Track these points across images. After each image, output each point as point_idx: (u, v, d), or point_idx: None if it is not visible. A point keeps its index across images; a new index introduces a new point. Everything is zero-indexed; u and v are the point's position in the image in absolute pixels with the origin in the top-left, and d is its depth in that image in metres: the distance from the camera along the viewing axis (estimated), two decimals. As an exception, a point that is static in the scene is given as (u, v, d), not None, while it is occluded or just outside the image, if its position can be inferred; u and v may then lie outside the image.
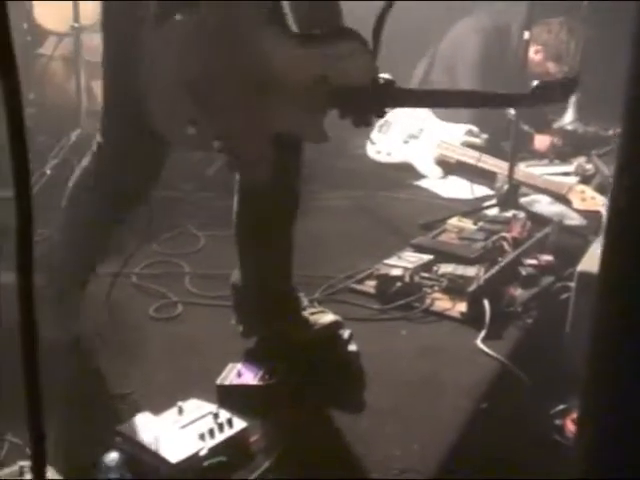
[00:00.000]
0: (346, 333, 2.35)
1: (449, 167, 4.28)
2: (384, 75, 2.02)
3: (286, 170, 2.24)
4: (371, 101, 2.02)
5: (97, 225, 2.36)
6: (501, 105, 2.35)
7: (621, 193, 1.02)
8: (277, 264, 2.39)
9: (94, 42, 3.87)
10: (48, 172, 3.46)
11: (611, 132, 4.54)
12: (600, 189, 3.59)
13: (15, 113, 0.67)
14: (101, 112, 2.30)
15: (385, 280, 2.79)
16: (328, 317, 2.39)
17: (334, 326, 2.37)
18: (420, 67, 4.76)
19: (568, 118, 5.06)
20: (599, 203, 3.44)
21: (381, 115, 2.09)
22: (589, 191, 3.55)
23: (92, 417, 2.10)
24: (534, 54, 4.38)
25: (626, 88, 1.03)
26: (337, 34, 1.97)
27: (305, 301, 2.45)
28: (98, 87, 3.86)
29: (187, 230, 3.45)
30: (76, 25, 3.59)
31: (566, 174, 3.98)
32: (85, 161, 2.37)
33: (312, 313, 2.41)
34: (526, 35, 3.45)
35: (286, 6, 2.10)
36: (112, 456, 1.77)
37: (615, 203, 1.06)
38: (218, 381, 2.18)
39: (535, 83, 2.13)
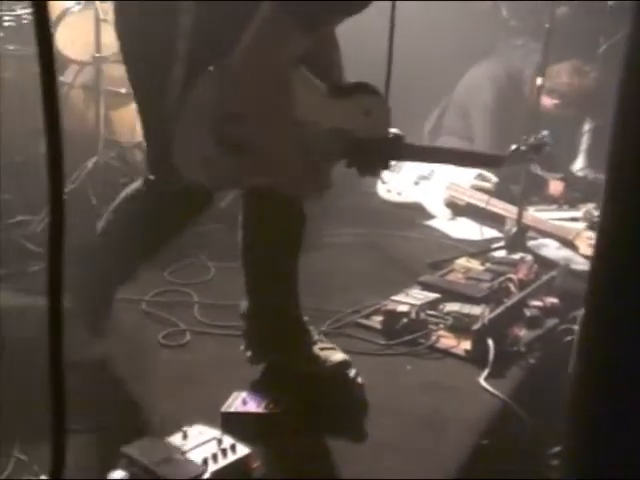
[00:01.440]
0: (352, 372, 2.38)
1: (458, 209, 4.34)
2: (394, 130, 2.06)
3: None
4: (380, 154, 2.07)
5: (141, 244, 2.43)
6: (484, 165, 2.45)
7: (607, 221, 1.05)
8: (284, 290, 2.44)
9: (115, 72, 3.95)
10: (64, 198, 3.52)
11: (620, 179, 4.58)
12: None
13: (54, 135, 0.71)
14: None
15: (392, 316, 2.82)
16: (338, 355, 2.42)
17: (344, 365, 2.41)
18: (434, 113, 4.84)
19: (579, 164, 5.13)
20: (606, 249, 3.47)
21: (387, 167, 2.13)
22: (596, 237, 3.58)
23: (98, 439, 2.13)
24: (552, 106, 4.45)
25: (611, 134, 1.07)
26: (360, 88, 2.02)
27: (315, 335, 2.49)
28: (116, 116, 3.94)
29: (198, 260, 3.50)
30: (97, 55, 3.67)
31: (574, 219, 4.03)
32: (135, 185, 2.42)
33: (322, 348, 2.44)
34: (539, 81, 3.52)
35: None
36: (117, 474, 1.80)
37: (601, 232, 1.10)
38: (223, 408, 2.21)
39: (512, 147, 2.27)
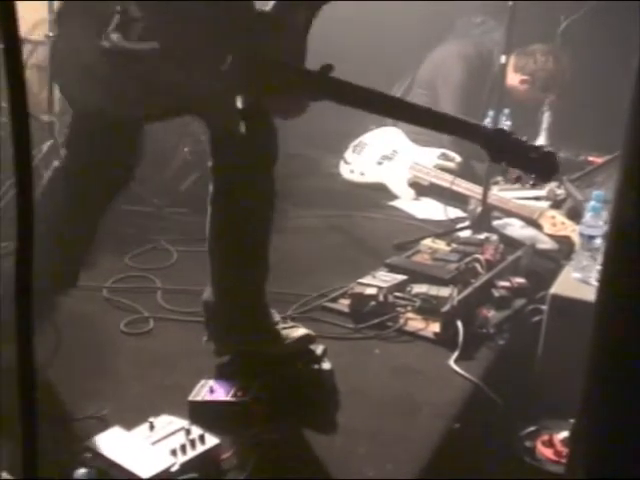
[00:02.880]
0: (319, 349, 2.34)
1: (422, 189, 4.32)
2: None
3: (260, 174, 2.24)
4: (303, 88, 2.02)
5: (77, 217, 2.32)
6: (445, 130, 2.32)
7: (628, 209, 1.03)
8: (252, 278, 2.38)
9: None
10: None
11: (582, 158, 4.60)
12: (571, 214, 3.62)
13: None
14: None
15: (359, 299, 2.79)
16: (300, 331, 2.38)
17: (306, 339, 2.36)
18: (397, 89, 4.80)
19: (540, 142, 5.13)
20: (569, 228, 3.48)
21: (307, 105, 2.09)
22: (559, 216, 3.59)
23: (62, 432, 2.07)
24: (520, 83, 4.44)
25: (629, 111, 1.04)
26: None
27: (277, 317, 2.44)
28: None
29: (160, 245, 3.43)
30: (51, 34, 3.55)
31: (538, 198, 4.02)
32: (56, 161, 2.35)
33: (284, 328, 2.40)
34: (503, 59, 3.49)
35: None
36: (82, 472, 1.74)
37: (620, 218, 1.07)
38: (190, 397, 2.16)
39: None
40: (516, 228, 3.66)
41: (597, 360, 1.13)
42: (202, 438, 1.94)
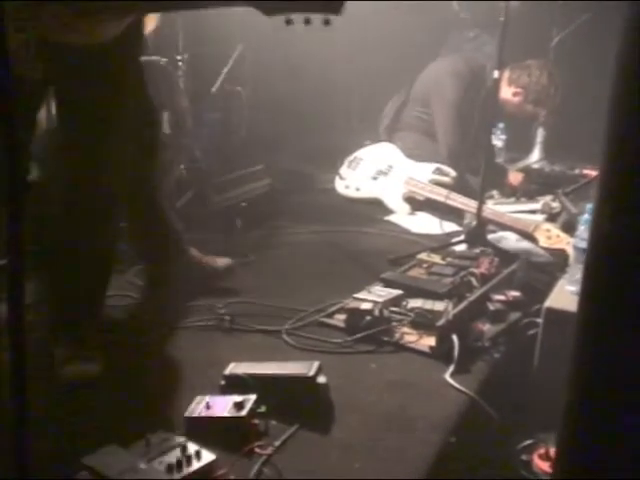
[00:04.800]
0: (315, 364, 2.34)
1: (417, 204, 4.33)
2: None
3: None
4: None
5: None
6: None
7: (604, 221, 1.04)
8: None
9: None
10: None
11: (577, 171, 4.63)
12: (566, 227, 3.64)
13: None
14: None
15: (354, 314, 2.79)
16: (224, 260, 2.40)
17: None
18: (388, 109, 4.82)
19: (534, 157, 5.17)
20: (564, 241, 3.49)
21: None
22: (554, 229, 3.60)
23: (57, 449, 2.07)
24: (513, 96, 4.47)
25: (607, 120, 1.06)
26: None
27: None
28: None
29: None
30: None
31: (533, 212, 4.04)
32: None
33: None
34: (496, 74, 3.51)
35: None
36: (78, 488, 1.74)
37: (597, 231, 1.08)
38: (186, 413, 2.16)
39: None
40: (511, 241, 3.67)
41: (579, 371, 1.14)
42: (198, 454, 1.94)
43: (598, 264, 1.08)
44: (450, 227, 4.01)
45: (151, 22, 4.08)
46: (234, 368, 2.37)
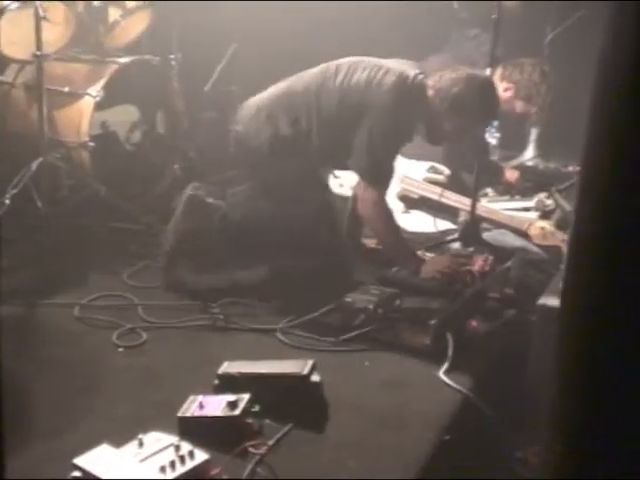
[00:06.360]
0: (309, 363, 2.33)
1: (411, 202, 4.32)
2: None
3: None
4: None
5: None
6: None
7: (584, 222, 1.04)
8: None
9: (57, 70, 3.83)
10: (7, 202, 3.40)
11: (571, 168, 4.63)
12: (560, 224, 3.64)
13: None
14: None
15: (349, 312, 2.78)
16: None
17: None
18: None
19: (528, 155, 5.16)
20: (558, 238, 3.49)
21: None
22: (549, 227, 3.60)
23: (49, 449, 2.06)
24: (503, 91, 4.46)
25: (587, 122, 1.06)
26: None
27: None
28: (60, 116, 3.81)
29: (155, 262, 3.39)
30: (38, 53, 3.55)
31: (527, 209, 4.04)
32: None
33: None
34: (488, 72, 3.51)
35: None
36: (70, 489, 1.73)
37: (577, 231, 1.08)
38: (180, 413, 2.15)
39: None
40: (505, 239, 3.67)
41: (562, 370, 1.14)
42: (191, 454, 1.93)
43: (578, 265, 1.08)
44: (444, 225, 4.00)
45: (144, 21, 4.07)
46: (228, 367, 2.37)
